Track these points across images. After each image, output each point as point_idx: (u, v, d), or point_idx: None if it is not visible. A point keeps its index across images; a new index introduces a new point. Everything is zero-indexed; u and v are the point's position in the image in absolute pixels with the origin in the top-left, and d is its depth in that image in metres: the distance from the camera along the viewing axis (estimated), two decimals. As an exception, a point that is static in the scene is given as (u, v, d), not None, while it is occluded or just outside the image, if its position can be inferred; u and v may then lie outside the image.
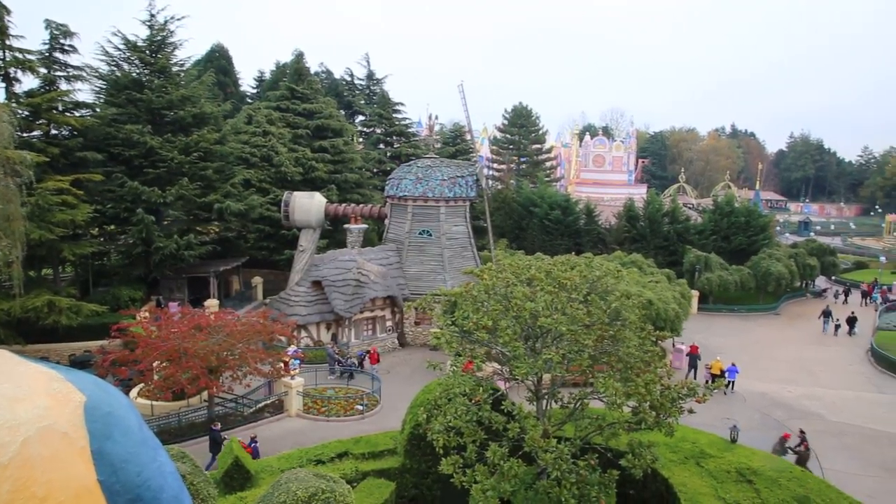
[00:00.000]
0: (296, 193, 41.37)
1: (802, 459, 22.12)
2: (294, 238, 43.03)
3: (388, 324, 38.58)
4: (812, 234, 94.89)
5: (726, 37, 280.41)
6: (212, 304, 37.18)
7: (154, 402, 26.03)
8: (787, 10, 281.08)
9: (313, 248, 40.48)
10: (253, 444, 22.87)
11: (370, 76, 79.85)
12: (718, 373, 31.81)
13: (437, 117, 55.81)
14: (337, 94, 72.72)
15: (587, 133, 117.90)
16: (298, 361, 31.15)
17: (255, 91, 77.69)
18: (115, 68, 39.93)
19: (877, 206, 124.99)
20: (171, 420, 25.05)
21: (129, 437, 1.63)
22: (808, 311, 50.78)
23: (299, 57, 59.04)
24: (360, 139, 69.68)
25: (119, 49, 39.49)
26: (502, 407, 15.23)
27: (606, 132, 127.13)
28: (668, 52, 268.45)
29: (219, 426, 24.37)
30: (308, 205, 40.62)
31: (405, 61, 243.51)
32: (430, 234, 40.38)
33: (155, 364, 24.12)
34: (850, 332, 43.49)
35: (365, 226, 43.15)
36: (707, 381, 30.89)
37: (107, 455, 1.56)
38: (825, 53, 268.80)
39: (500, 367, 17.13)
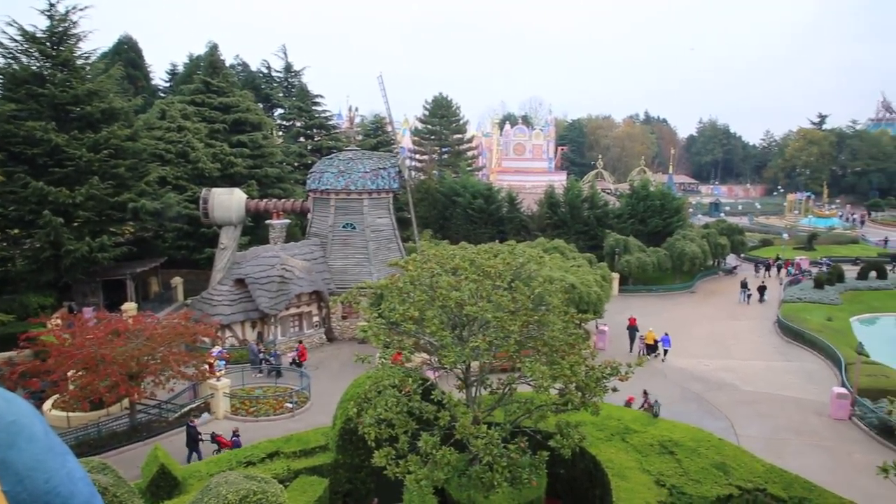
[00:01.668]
0: (214, 190, 40.24)
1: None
2: (214, 236, 41.89)
3: (315, 319, 38.13)
4: (722, 214, 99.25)
5: (637, 25, 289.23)
6: (129, 307, 35.80)
7: (70, 414, 24.90)
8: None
9: (235, 246, 39.54)
10: (234, 438, 22.77)
11: (288, 68, 78.29)
12: (652, 342, 34.92)
13: (357, 109, 55.40)
14: (254, 88, 70.99)
15: (507, 122, 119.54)
16: (224, 362, 30.43)
17: (167, 85, 74.95)
18: (12, 61, 37.54)
19: (779, 187, 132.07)
20: (90, 431, 23.99)
21: (35, 444, 1.59)
22: (721, 288, 53.35)
23: (213, 49, 57.28)
24: (280, 133, 68.37)
25: (16, 41, 37.09)
26: (432, 396, 15.36)
27: (526, 121, 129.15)
28: (583, 40, 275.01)
29: (196, 422, 24.03)
30: (228, 201, 39.59)
31: (323, 53, 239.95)
32: (354, 227, 40.10)
33: (70, 373, 23.05)
34: (761, 300, 48.06)
35: (287, 221, 42.44)
36: (641, 351, 34.15)
37: (11, 464, 1.52)
38: (728, 41, 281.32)
39: (428, 356, 17.26)
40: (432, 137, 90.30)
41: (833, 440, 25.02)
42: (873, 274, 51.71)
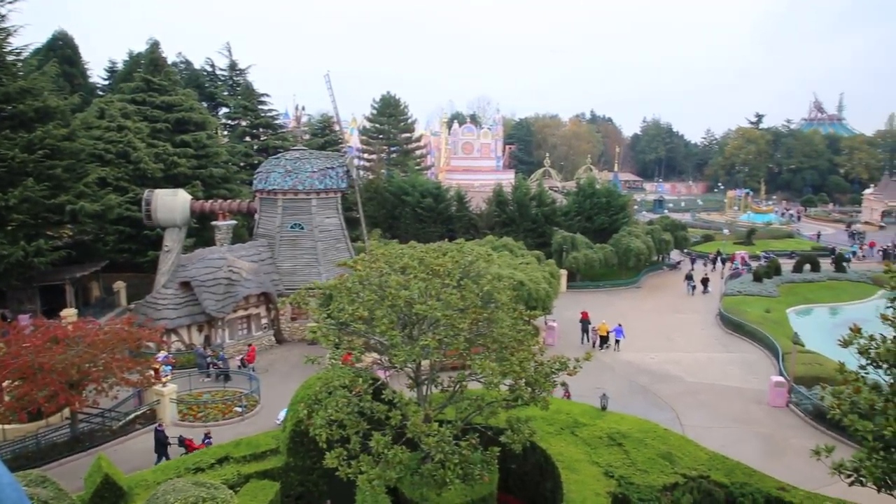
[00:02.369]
0: (157, 191, 39.27)
1: None
2: (158, 238, 40.89)
3: (264, 321, 37.61)
4: (665, 211, 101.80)
5: (584, 26, 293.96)
6: (69, 313, 34.66)
7: (6, 426, 23.94)
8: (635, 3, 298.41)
9: (180, 248, 38.64)
10: (207, 441, 22.40)
11: (233, 66, 76.86)
12: (605, 334, 36.48)
13: (304, 108, 54.82)
14: (198, 86, 69.46)
15: (455, 121, 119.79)
16: (170, 367, 29.79)
17: (106, 83, 72.44)
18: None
19: (719, 184, 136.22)
20: (28, 443, 23.13)
21: None
22: (665, 283, 54.75)
23: (154, 46, 55.80)
24: (225, 132, 67.12)
25: (-60, 38, 35.55)
26: (383, 396, 15.35)
27: (474, 120, 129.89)
28: (529, 42, 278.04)
29: (163, 426, 23.72)
30: (171, 202, 38.68)
31: (269, 52, 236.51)
32: (303, 228, 39.70)
33: (5, 383, 22.17)
34: (704, 291, 50.40)
35: (233, 222, 41.71)
36: (594, 343, 36.26)
37: None
38: (669, 43, 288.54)
39: (378, 356, 17.25)
40: (380, 136, 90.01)
41: (771, 427, 26.03)
42: (808, 267, 53.79)
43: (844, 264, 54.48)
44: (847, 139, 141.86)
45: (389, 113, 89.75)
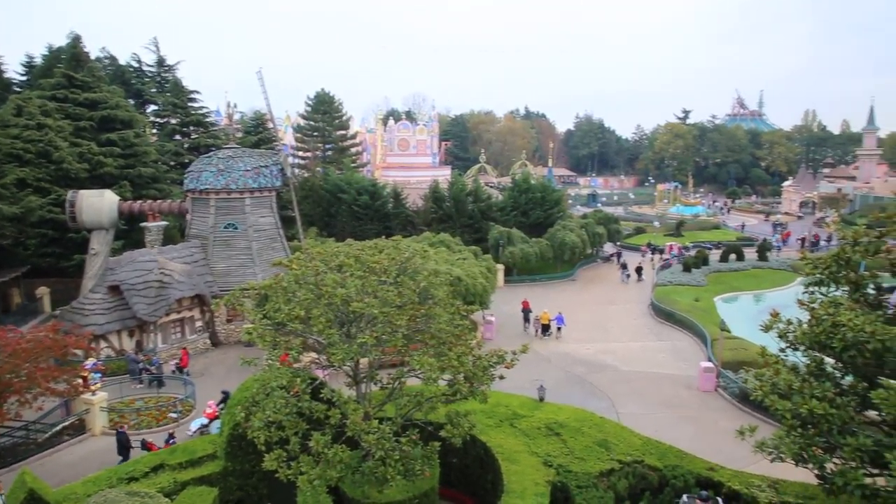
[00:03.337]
0: (82, 192, 37.78)
1: None
2: (84, 241, 39.35)
3: (199, 324, 36.75)
4: (599, 205, 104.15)
5: (516, 25, 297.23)
6: (-13, 322, 33.01)
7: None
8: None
9: (107, 251, 37.31)
10: (171, 441, 22.04)
11: (161, 62, 74.29)
12: (546, 322, 37.73)
13: (236, 106, 53.62)
14: (124, 83, 66.89)
15: (391, 118, 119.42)
16: (100, 375, 28.74)
17: (24, 78, 69.04)
18: None
19: (649, 178, 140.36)
20: (-54, 459, 22.02)
21: None
22: (599, 275, 56.11)
23: (76, 40, 53.50)
24: (154, 130, 64.98)
25: None
26: (322, 395, 15.27)
27: (410, 116, 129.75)
28: (464, 37, 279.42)
29: (125, 427, 23.51)
30: (98, 204, 37.28)
31: (198, 48, 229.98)
32: (237, 228, 38.95)
33: (-81, 398, 20.99)
34: (639, 279, 53.14)
35: (164, 223, 40.51)
36: (536, 331, 37.61)
37: None
38: (601, 43, 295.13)
39: (316, 355, 17.14)
40: (315, 134, 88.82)
41: (701, 410, 27.13)
42: (733, 256, 56.09)
43: (767, 253, 57.01)
44: (767, 134, 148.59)
45: (324, 110, 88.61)
